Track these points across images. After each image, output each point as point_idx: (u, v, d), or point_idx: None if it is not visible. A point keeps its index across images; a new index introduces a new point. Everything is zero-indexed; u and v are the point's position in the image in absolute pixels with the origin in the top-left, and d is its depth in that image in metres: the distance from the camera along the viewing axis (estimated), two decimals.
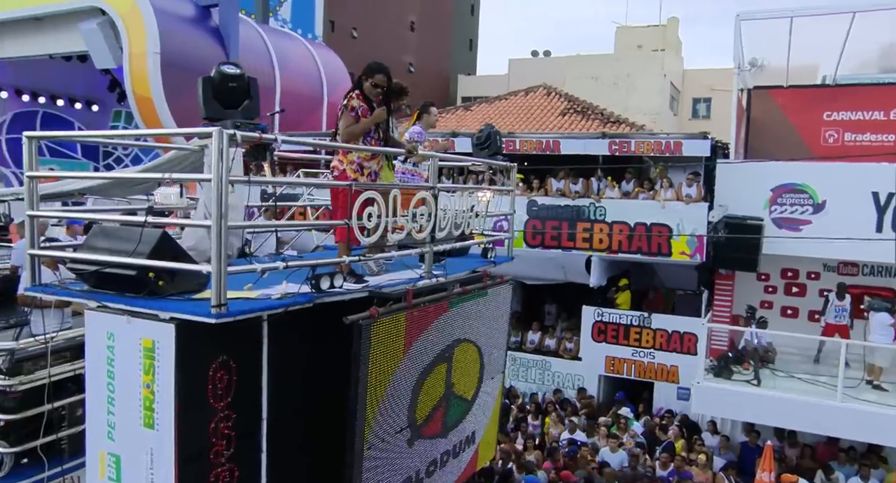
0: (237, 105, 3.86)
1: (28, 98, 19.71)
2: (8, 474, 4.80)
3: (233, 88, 3.86)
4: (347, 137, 4.83)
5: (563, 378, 13.22)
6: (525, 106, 18.72)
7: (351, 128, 4.83)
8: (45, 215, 4.53)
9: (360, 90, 4.87)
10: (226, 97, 3.86)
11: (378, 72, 5.00)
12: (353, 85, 4.95)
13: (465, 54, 47.13)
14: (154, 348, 3.84)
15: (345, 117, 4.83)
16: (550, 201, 12.65)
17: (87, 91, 20.57)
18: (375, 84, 4.95)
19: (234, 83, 3.86)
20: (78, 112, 20.45)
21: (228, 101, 3.85)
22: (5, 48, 17.75)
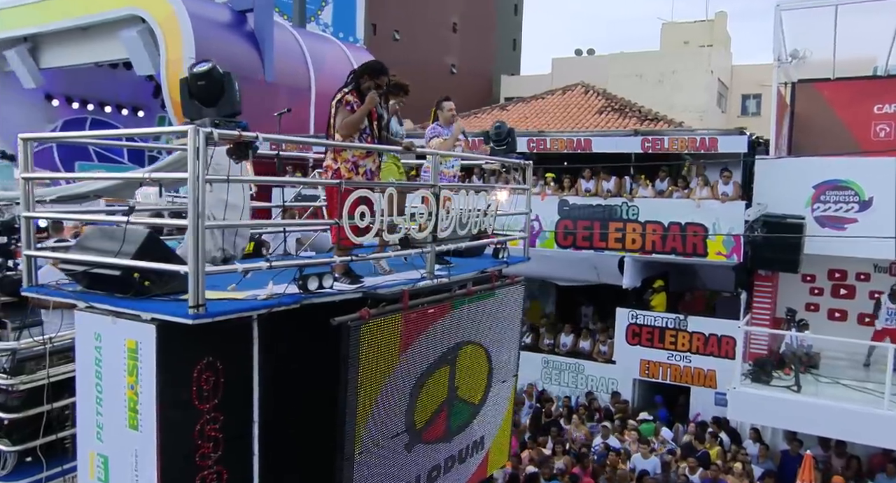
0: (214, 102, 3.80)
1: (77, 105, 20.33)
2: (11, 473, 4.88)
3: (202, 86, 3.80)
4: (345, 129, 4.75)
5: (596, 381, 12.91)
6: (562, 104, 18.42)
7: (348, 119, 4.75)
8: (41, 216, 4.58)
9: (357, 88, 4.79)
10: (201, 95, 3.81)
11: (384, 73, 4.97)
12: (346, 82, 4.87)
13: (509, 54, 46.86)
14: (137, 349, 3.82)
15: (340, 112, 4.75)
16: (582, 201, 12.37)
17: (133, 97, 21.13)
18: (379, 85, 4.89)
19: (203, 81, 3.80)
20: (124, 118, 21.02)
21: (204, 100, 3.80)
22: (55, 58, 18.36)
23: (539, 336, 14.13)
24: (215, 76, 3.84)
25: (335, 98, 4.78)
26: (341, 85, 5.00)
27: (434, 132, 6.36)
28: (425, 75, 36.21)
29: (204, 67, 3.83)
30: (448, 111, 6.51)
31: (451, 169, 6.45)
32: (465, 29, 40.12)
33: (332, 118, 4.77)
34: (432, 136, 6.38)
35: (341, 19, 31.68)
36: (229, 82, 3.88)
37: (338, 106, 4.75)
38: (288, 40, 17.80)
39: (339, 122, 4.77)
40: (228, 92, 3.87)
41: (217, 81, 3.84)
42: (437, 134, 6.35)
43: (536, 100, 19.24)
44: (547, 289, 16.15)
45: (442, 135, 6.41)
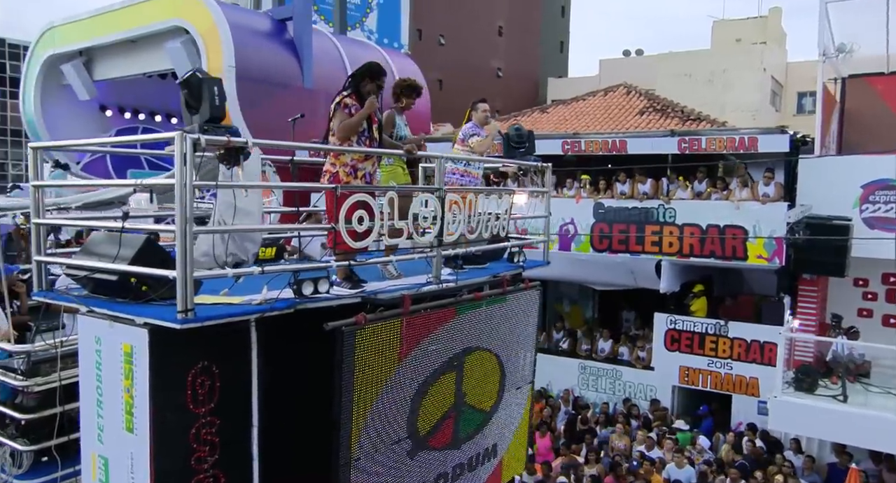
0: (195, 109, 3.83)
1: (129, 115, 20.99)
2: (28, 471, 5.03)
3: (186, 94, 3.84)
4: (344, 132, 4.72)
5: (634, 388, 12.61)
6: (603, 106, 18.11)
7: (346, 121, 4.72)
8: (50, 222, 4.70)
9: (355, 91, 4.77)
10: (187, 103, 3.85)
11: (383, 74, 4.96)
12: (345, 85, 4.86)
13: (556, 57, 46.50)
14: (132, 353, 3.88)
15: (338, 114, 4.73)
16: (618, 204, 12.12)
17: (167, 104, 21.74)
18: (380, 86, 4.88)
19: (185, 89, 3.84)
20: (174, 126, 21.57)
21: (190, 107, 3.84)
22: (107, 70, 19.00)
23: (577, 341, 13.89)
24: (193, 83, 3.87)
25: (334, 101, 4.76)
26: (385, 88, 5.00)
27: (472, 130, 6.29)
28: (471, 79, 36.31)
29: (187, 75, 3.88)
30: (482, 112, 6.43)
31: (478, 170, 6.37)
32: (511, 32, 39.98)
33: (330, 121, 4.76)
34: (471, 134, 6.30)
35: (386, 25, 31.91)
36: (208, 88, 3.89)
37: (336, 109, 4.73)
38: (327, 47, 17.98)
39: (336, 125, 4.76)
40: (207, 97, 3.88)
41: (196, 88, 3.87)
42: (476, 132, 6.28)
43: (577, 102, 18.98)
44: (588, 293, 15.89)
45: (480, 134, 6.34)
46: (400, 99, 5.67)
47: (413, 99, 5.72)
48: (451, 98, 34.63)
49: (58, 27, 18.98)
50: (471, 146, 6.20)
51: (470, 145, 6.21)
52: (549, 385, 13.44)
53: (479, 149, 6.22)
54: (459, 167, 6.09)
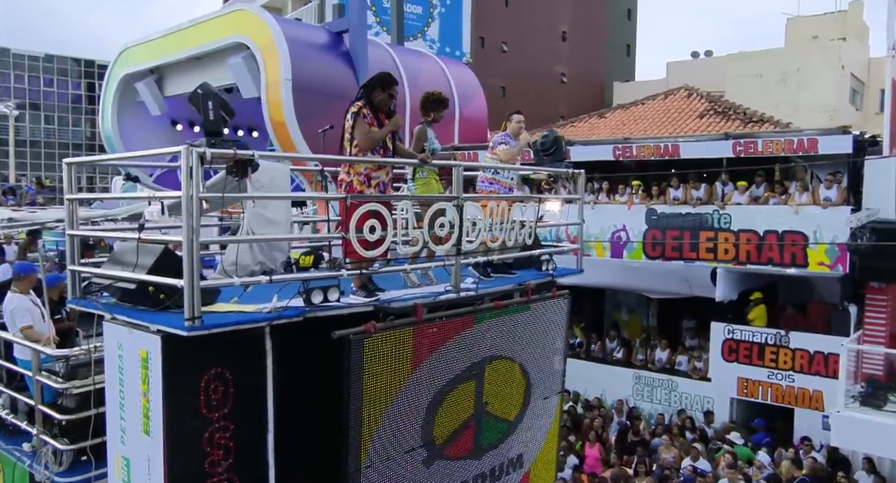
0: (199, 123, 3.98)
1: (198, 129, 21.88)
2: (67, 469, 5.30)
3: (194, 111, 3.99)
4: (368, 143, 4.80)
5: (690, 399, 12.20)
6: (662, 110, 17.67)
7: (373, 134, 4.81)
8: (83, 234, 4.95)
9: (369, 100, 4.84)
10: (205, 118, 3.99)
11: (394, 83, 5.03)
12: (357, 95, 4.93)
13: (623, 60, 45.74)
14: (147, 358, 4.03)
15: (360, 125, 4.78)
16: (670, 210, 11.78)
17: (249, 119, 22.37)
18: (392, 94, 4.95)
19: (193, 106, 3.99)
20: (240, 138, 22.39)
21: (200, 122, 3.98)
22: (177, 86, 19.90)
23: (632, 351, 13.57)
24: (194, 100, 4.01)
25: (349, 111, 4.83)
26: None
27: (502, 139, 6.30)
28: (534, 85, 36.12)
29: (194, 90, 4.02)
30: (516, 123, 6.43)
31: (510, 180, 6.35)
32: (575, 37, 39.58)
33: (349, 131, 4.82)
34: (500, 143, 6.31)
35: (448, 35, 32.19)
36: (205, 102, 4.03)
37: (355, 118, 4.80)
38: (383, 58, 18.27)
39: (360, 135, 4.83)
40: (204, 112, 4.02)
41: (196, 104, 4.01)
42: (504, 141, 6.29)
43: (636, 106, 18.59)
44: (646, 301, 15.51)
45: (509, 143, 6.34)
46: (428, 112, 5.71)
47: (441, 111, 5.75)
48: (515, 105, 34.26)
49: (132, 48, 20.01)
50: (497, 154, 6.20)
51: (497, 154, 6.21)
52: (602, 395, 13.17)
53: (504, 157, 6.20)
54: (488, 175, 6.10)
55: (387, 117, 4.91)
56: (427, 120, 5.72)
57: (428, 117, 5.69)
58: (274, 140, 15.98)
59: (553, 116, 31.40)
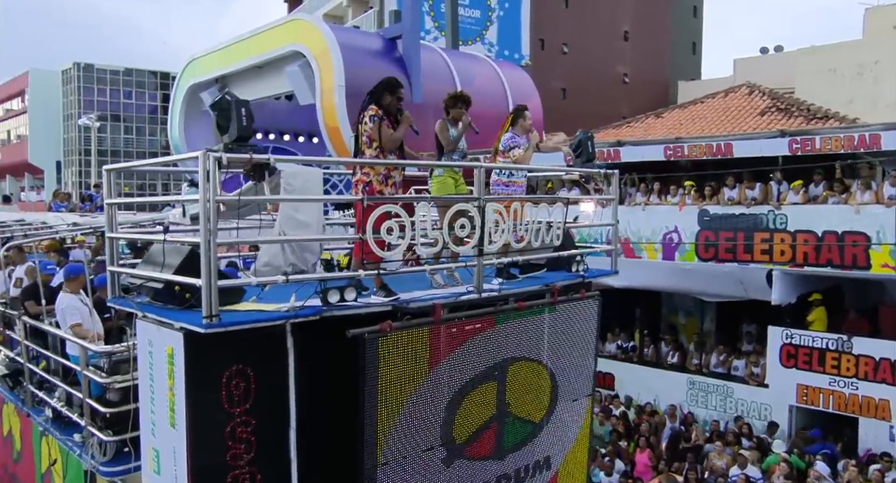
0: (224, 129, 4.13)
1: (261, 136, 22.59)
2: (111, 460, 5.59)
3: (218, 115, 4.15)
4: (393, 143, 5.05)
5: (747, 406, 11.79)
6: (721, 108, 17.18)
7: (395, 134, 5.05)
8: (123, 236, 5.23)
9: (378, 104, 5.00)
10: (219, 123, 4.16)
11: (400, 87, 5.22)
12: (368, 100, 5.08)
13: (688, 58, 44.58)
14: (173, 355, 4.23)
15: (383, 128, 4.97)
16: (724, 210, 11.44)
17: (309, 125, 22.96)
18: (399, 98, 5.14)
19: (216, 110, 4.14)
20: (301, 145, 22.99)
21: (221, 127, 4.14)
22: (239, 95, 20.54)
23: (687, 355, 13.24)
24: (223, 105, 4.19)
25: (366, 115, 4.97)
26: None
27: (513, 142, 6.27)
28: (596, 86, 35.70)
29: (216, 97, 4.19)
30: (527, 121, 6.43)
31: (523, 179, 6.33)
32: (638, 36, 38.87)
33: (368, 134, 4.95)
34: (513, 147, 6.30)
35: (506, 38, 32.22)
36: (236, 109, 4.20)
37: (375, 121, 4.93)
38: (437, 62, 18.45)
39: (384, 137, 4.98)
40: (235, 118, 4.19)
41: (225, 110, 4.18)
42: (516, 144, 6.27)
43: (695, 105, 18.14)
44: (704, 305, 15.10)
45: (521, 145, 6.32)
46: (448, 111, 5.77)
47: (461, 108, 5.79)
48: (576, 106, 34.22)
49: (198, 59, 20.84)
50: (511, 159, 6.14)
51: (510, 158, 6.15)
52: (655, 400, 12.89)
53: (520, 162, 6.15)
54: (503, 178, 6.06)
55: (395, 120, 5.04)
56: (450, 119, 5.79)
57: (448, 116, 5.77)
58: (329, 145, 16.38)
59: (615, 117, 30.92)
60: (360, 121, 5.10)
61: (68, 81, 54.62)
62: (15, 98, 56.88)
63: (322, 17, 34.80)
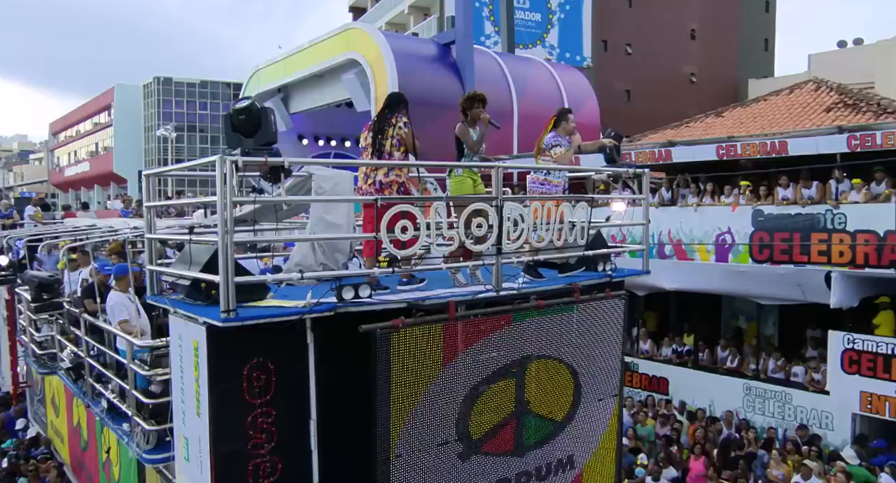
0: (252, 133, 4.36)
1: (323, 142, 23.25)
2: (154, 448, 5.92)
3: (243, 120, 4.37)
4: (419, 149, 5.48)
5: (806, 413, 11.35)
6: (786, 105, 16.57)
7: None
8: (160, 237, 5.55)
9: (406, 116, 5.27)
10: (241, 128, 4.39)
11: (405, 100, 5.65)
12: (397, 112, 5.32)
13: (760, 56, 43.06)
14: (197, 348, 4.48)
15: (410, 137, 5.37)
16: (779, 210, 11.07)
17: None
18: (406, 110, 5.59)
19: (243, 115, 4.36)
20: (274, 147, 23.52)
21: (244, 131, 4.37)
22: (300, 103, 21.32)
23: (744, 360, 12.86)
24: (254, 111, 4.41)
25: (399, 122, 5.37)
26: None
27: (555, 141, 6.37)
28: (661, 87, 35.01)
29: (244, 104, 4.42)
30: (571, 124, 6.50)
31: (559, 179, 6.39)
32: (705, 34, 37.90)
33: (399, 138, 5.34)
34: (554, 144, 6.39)
35: (567, 40, 32.00)
36: (265, 116, 4.44)
37: (407, 126, 5.38)
38: (491, 66, 18.57)
39: (417, 142, 5.45)
40: (265, 124, 4.43)
41: (255, 116, 4.41)
42: (558, 143, 6.36)
43: (757, 103, 17.58)
44: (766, 309, 14.61)
45: (562, 145, 6.41)
46: (467, 113, 5.88)
47: (478, 107, 5.89)
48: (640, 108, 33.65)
49: (261, 70, 21.63)
50: (552, 157, 6.24)
51: (551, 156, 6.25)
52: (711, 406, 12.56)
53: (560, 160, 6.24)
54: (540, 176, 6.17)
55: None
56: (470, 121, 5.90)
57: (467, 118, 5.88)
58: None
59: (681, 118, 30.39)
60: (391, 125, 5.37)
61: (149, 95, 57.51)
62: (102, 112, 60.25)
63: (385, 25, 35.50)
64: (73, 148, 65.77)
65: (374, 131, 5.49)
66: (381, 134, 5.45)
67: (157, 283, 5.37)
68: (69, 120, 67.60)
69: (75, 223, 12.56)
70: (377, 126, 5.45)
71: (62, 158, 68.70)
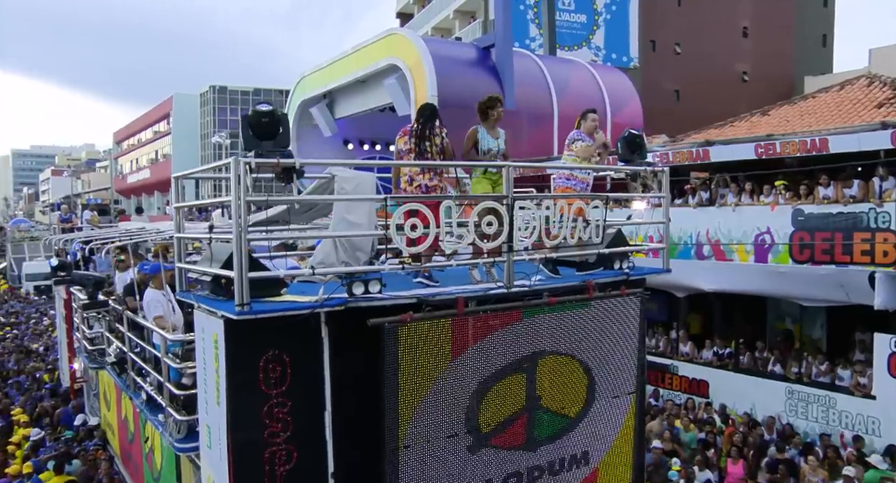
0: (271, 137, 4.58)
1: (367, 147, 23.63)
2: (185, 437, 6.21)
3: (266, 123, 4.59)
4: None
5: (851, 418, 11.02)
6: (835, 102, 16.08)
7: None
8: (188, 237, 5.84)
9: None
10: (260, 130, 4.61)
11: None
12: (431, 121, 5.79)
13: (818, 52, 41.71)
14: (217, 340, 4.73)
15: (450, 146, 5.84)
16: (819, 209, 10.80)
17: None
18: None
19: (267, 118, 4.59)
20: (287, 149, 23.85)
21: (263, 134, 4.59)
22: (344, 108, 21.72)
23: (787, 363, 12.56)
24: (277, 116, 4.64)
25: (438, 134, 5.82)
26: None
27: (578, 136, 6.56)
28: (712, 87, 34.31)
29: (268, 108, 4.65)
30: (591, 122, 6.65)
31: (586, 174, 6.51)
32: (758, 32, 36.95)
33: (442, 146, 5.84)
34: (576, 139, 6.58)
35: (614, 41, 31.75)
36: (285, 122, 4.67)
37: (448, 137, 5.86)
38: (531, 69, 18.61)
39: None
40: (284, 129, 4.65)
41: (276, 120, 4.64)
42: (580, 138, 6.53)
43: (805, 100, 17.13)
44: (814, 311, 14.22)
45: (584, 140, 6.56)
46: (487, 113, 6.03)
47: (497, 108, 6.04)
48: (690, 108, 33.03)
49: (307, 76, 22.14)
50: (574, 151, 6.38)
51: (573, 150, 6.40)
52: (752, 409, 12.32)
53: (581, 154, 6.38)
54: (565, 172, 6.32)
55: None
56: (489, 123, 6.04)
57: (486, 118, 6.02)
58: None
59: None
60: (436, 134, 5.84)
61: (205, 103, 59.37)
62: (162, 121, 62.49)
63: (431, 30, 35.82)
64: (135, 156, 68.41)
65: (417, 137, 5.82)
66: (427, 141, 5.76)
67: (184, 280, 5.67)
68: (131, 129, 70.37)
69: (127, 226, 13.14)
70: (420, 133, 5.78)
71: (125, 166, 71.53)
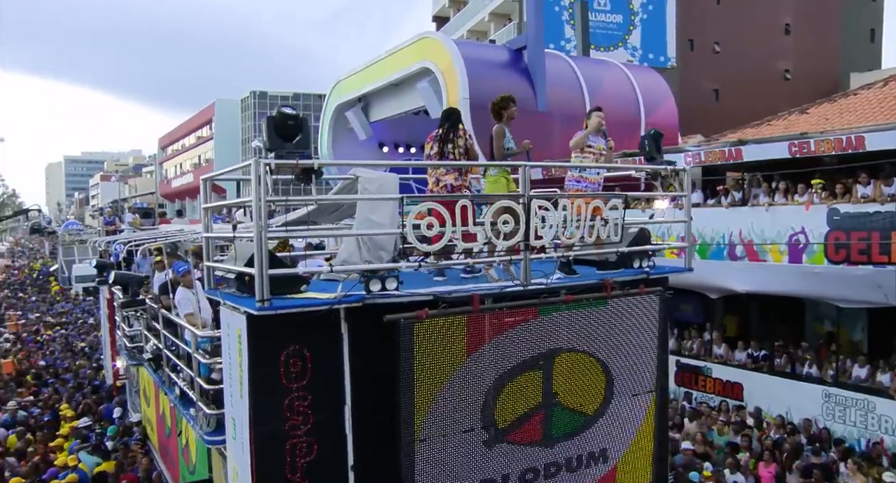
0: (292, 138, 4.75)
1: (402, 150, 23.83)
2: (214, 430, 6.41)
3: (290, 125, 4.76)
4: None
5: (892, 423, 10.76)
6: (877, 99, 15.69)
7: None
8: (217, 236, 6.05)
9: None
10: (284, 132, 4.78)
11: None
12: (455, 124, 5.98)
13: (865, 48, 40.56)
14: (240, 335, 4.91)
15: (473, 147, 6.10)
16: (856, 209, 10.58)
17: None
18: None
19: (292, 121, 4.76)
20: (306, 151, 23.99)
21: (286, 136, 4.76)
22: (379, 112, 21.97)
23: (823, 366, 12.31)
24: (300, 119, 4.82)
25: (462, 137, 6.02)
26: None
27: (580, 134, 6.66)
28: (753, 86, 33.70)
29: (292, 111, 4.83)
30: (596, 121, 6.71)
31: (596, 175, 6.56)
32: (801, 28, 36.14)
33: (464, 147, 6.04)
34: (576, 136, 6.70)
35: (650, 41, 31.45)
36: (306, 125, 4.84)
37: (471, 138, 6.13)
38: (563, 70, 18.57)
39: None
40: (305, 132, 4.82)
41: (299, 124, 4.81)
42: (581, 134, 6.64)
43: (846, 97, 16.75)
44: (854, 313, 13.89)
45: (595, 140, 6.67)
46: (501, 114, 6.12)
47: (509, 108, 6.14)
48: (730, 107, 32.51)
49: (342, 81, 22.45)
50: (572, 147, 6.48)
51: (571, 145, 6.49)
52: (787, 412, 12.10)
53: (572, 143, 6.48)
54: (575, 173, 6.35)
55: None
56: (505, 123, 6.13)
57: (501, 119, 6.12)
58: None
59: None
60: (459, 136, 6.02)
61: (246, 108, 60.49)
62: (204, 126, 63.88)
63: (466, 33, 35.95)
64: (179, 161, 70.06)
65: (440, 141, 6.02)
66: (450, 143, 5.96)
67: (212, 278, 5.88)
68: (175, 135, 72.11)
69: (167, 229, 13.55)
70: (444, 136, 5.97)
71: (169, 171, 73.31)
